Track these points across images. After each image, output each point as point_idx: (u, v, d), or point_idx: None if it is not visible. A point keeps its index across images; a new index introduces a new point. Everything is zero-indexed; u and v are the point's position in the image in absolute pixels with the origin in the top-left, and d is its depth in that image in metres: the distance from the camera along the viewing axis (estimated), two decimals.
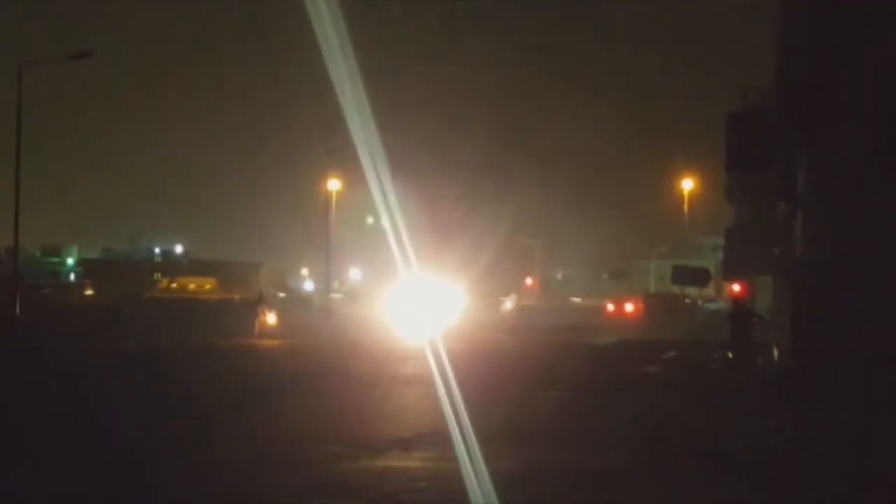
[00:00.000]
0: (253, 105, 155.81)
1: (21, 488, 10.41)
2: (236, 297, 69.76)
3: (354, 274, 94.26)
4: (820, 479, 11.33)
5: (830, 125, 20.44)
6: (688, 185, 72.05)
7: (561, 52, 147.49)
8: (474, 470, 10.70)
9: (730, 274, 37.82)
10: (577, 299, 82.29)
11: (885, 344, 19.21)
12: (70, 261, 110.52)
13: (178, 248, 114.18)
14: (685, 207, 72.70)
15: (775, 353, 24.83)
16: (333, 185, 67.58)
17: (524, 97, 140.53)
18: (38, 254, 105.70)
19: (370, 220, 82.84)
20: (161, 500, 10.05)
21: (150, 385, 20.09)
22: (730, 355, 25.51)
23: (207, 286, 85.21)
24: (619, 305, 66.06)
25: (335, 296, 74.30)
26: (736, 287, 30.59)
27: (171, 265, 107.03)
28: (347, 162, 56.67)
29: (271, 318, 40.70)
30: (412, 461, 12.09)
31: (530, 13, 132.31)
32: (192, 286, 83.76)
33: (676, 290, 60.87)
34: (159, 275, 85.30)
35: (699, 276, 53.21)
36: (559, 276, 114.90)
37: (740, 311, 26.09)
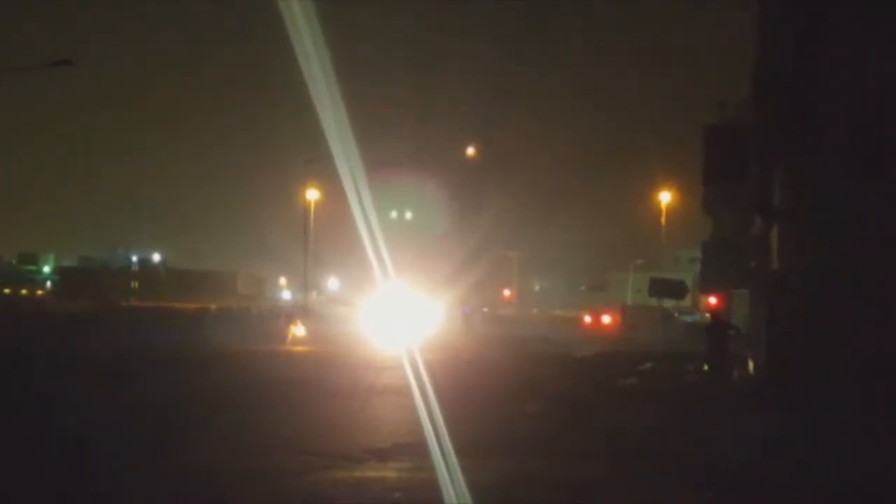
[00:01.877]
0: (232, 115, 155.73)
1: None
2: (213, 306, 69.74)
3: (332, 284, 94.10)
4: (795, 492, 11.38)
5: (806, 138, 20.55)
6: (665, 197, 72.36)
7: (539, 64, 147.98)
8: (451, 481, 10.70)
9: (707, 287, 37.89)
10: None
11: (860, 356, 19.31)
12: (46, 268, 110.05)
13: (156, 257, 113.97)
14: (662, 220, 73.03)
15: (751, 365, 24.92)
16: (312, 195, 67.60)
17: (501, 110, 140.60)
18: (14, 262, 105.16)
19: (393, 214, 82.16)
20: None
21: (120, 392, 20.00)
22: (706, 367, 25.60)
23: (39, 292, 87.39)
24: (596, 317, 66.19)
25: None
26: (712, 300, 30.70)
27: (149, 273, 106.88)
28: (326, 171, 56.69)
29: (300, 330, 41.09)
30: (388, 472, 12.08)
31: (508, 22, 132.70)
32: (23, 291, 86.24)
33: (653, 302, 61.04)
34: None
35: (676, 289, 53.39)
36: (537, 288, 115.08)
37: (717, 323, 26.19)
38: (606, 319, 64.63)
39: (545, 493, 10.95)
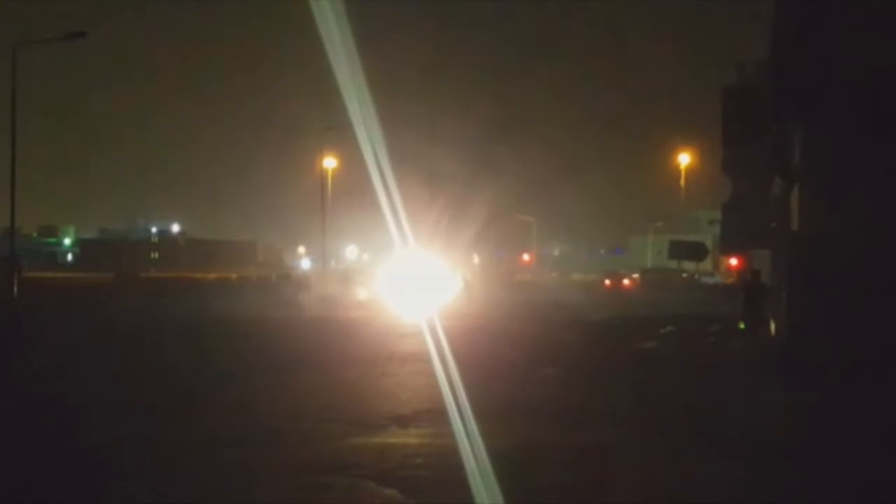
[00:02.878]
0: (250, 87, 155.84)
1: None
2: (233, 276, 70.00)
3: (351, 252, 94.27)
4: (808, 458, 11.34)
5: (823, 100, 20.38)
6: (685, 159, 72.02)
7: (557, 27, 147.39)
8: (471, 446, 10.71)
9: (727, 248, 37.82)
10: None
11: (879, 319, 19.20)
12: (67, 241, 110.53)
13: (175, 228, 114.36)
14: (682, 182, 72.72)
15: (772, 327, 24.84)
16: (329, 163, 67.46)
17: (520, 74, 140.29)
18: (34, 234, 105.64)
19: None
20: (152, 475, 10.02)
21: (138, 363, 20.15)
22: (741, 326, 25.52)
23: None
24: (616, 280, 66.20)
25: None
26: (733, 261, 30.62)
27: (168, 244, 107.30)
28: (345, 139, 56.58)
29: (363, 293, 41.64)
30: (409, 438, 12.09)
31: None
32: None
33: (673, 264, 60.95)
34: None
35: (696, 251, 53.35)
36: (556, 252, 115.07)
37: (754, 282, 25.99)
38: (626, 282, 64.69)
39: (564, 459, 10.92)
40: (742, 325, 25.47)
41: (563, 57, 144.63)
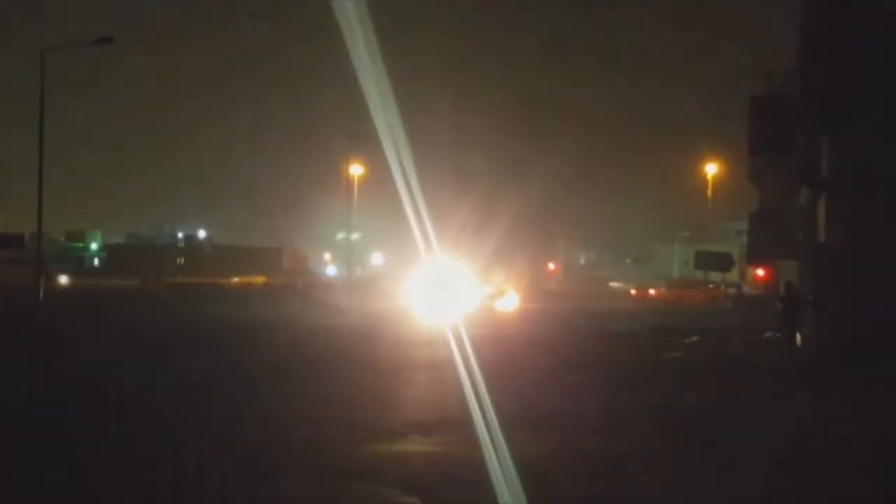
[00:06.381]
0: (277, 91, 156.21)
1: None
2: (258, 280, 70.30)
3: (376, 259, 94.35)
4: (838, 473, 11.26)
5: (852, 109, 20.28)
6: (712, 169, 71.73)
7: (583, 39, 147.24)
8: (495, 455, 10.68)
9: (754, 258, 37.64)
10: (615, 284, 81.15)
11: None
12: (94, 246, 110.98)
13: (201, 233, 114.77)
14: (709, 192, 72.43)
15: (798, 338, 24.68)
16: (355, 170, 67.47)
17: (547, 84, 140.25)
18: (62, 239, 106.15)
19: None
20: (178, 480, 10.06)
21: (170, 367, 20.23)
22: (780, 336, 25.35)
23: None
24: (643, 290, 66.04)
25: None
26: (760, 272, 30.41)
27: (194, 250, 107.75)
28: (373, 145, 56.64)
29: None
30: (432, 445, 12.08)
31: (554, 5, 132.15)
32: None
33: (700, 275, 60.66)
34: None
35: (722, 262, 53.00)
36: (581, 261, 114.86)
37: (791, 294, 25.83)
38: (652, 292, 64.51)
39: (588, 468, 10.88)
40: (781, 335, 25.28)
41: (590, 66, 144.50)
